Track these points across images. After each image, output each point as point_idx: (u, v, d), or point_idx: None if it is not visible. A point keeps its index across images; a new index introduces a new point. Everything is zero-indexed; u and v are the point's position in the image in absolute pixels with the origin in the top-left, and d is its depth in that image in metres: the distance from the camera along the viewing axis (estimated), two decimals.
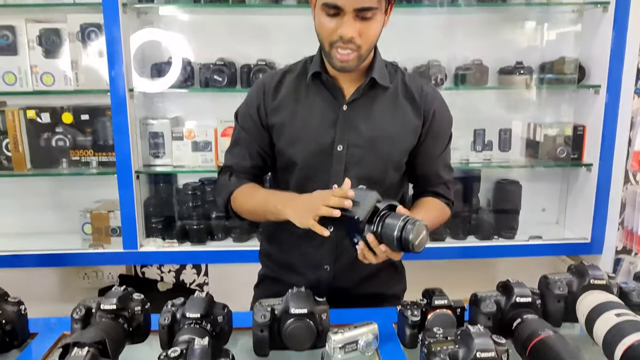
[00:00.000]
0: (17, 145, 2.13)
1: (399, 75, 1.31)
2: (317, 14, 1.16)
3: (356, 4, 1.10)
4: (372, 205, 1.07)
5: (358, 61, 1.18)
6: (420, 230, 1.01)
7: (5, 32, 2.05)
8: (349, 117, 1.25)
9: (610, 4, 2.06)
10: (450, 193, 1.39)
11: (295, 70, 1.32)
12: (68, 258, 2.16)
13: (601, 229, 2.23)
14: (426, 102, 1.29)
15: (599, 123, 2.15)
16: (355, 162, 1.25)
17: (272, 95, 1.29)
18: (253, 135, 1.32)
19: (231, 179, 1.33)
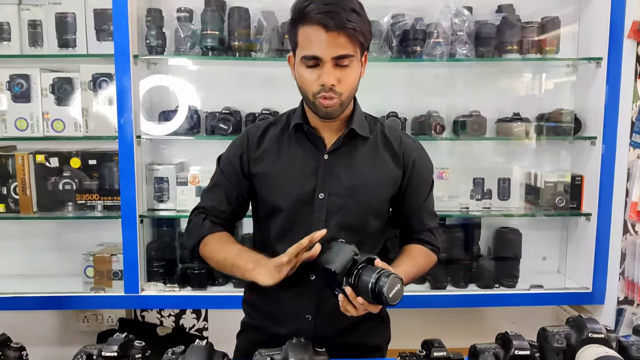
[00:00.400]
0: (24, 189, 2.17)
1: (379, 127, 1.37)
2: (298, 68, 1.23)
3: (334, 52, 1.17)
4: (349, 258, 1.11)
5: (340, 107, 1.23)
6: (394, 283, 1.05)
7: (20, 81, 2.13)
8: (330, 166, 1.30)
9: (603, 60, 2.13)
10: (435, 239, 1.43)
11: (279, 122, 1.38)
12: (69, 301, 2.16)
13: (602, 279, 2.23)
14: (405, 152, 1.35)
15: (597, 173, 2.19)
16: (337, 210, 1.29)
17: (256, 146, 1.35)
18: (232, 182, 1.36)
19: (205, 223, 1.36)
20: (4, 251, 2.37)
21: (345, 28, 1.15)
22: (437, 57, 2.15)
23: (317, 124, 1.31)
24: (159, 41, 2.13)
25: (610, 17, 2.09)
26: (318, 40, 1.16)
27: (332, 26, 1.14)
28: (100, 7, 2.10)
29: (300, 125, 1.31)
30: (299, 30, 1.20)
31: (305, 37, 1.18)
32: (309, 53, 1.18)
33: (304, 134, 1.33)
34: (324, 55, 1.17)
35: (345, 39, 1.16)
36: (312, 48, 1.17)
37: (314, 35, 1.16)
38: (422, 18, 2.18)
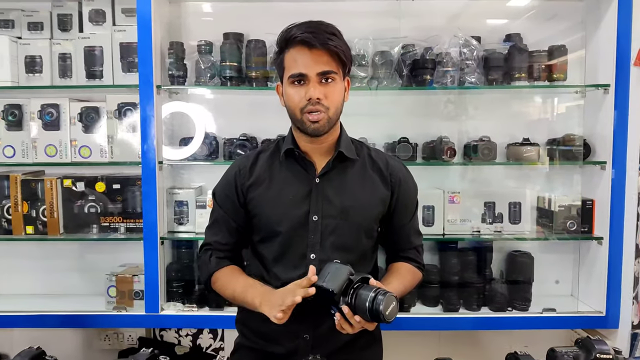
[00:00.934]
0: (52, 212, 2.28)
1: (365, 150, 1.45)
2: (285, 89, 1.33)
3: (318, 68, 1.27)
4: (346, 278, 1.18)
5: (328, 124, 1.31)
6: (390, 301, 1.11)
7: (50, 110, 2.26)
8: (321, 189, 1.37)
9: (610, 87, 2.17)
10: (420, 257, 1.50)
11: (268, 150, 1.46)
12: (92, 319, 2.24)
13: (616, 303, 2.22)
14: (392, 173, 1.42)
15: (607, 198, 2.21)
16: (330, 231, 1.35)
17: (248, 175, 1.42)
18: (230, 214, 1.43)
19: (211, 259, 1.43)
20: (31, 271, 2.48)
21: (327, 46, 1.26)
22: (446, 85, 2.22)
23: (307, 148, 1.39)
24: (181, 72, 2.24)
25: (617, 45, 2.13)
26: (303, 58, 1.28)
27: (315, 44, 1.25)
28: (126, 41, 2.23)
29: (291, 150, 1.39)
30: (285, 55, 1.32)
31: (291, 58, 1.31)
32: (295, 71, 1.29)
33: (294, 159, 1.40)
34: (308, 72, 1.28)
35: (327, 57, 1.28)
36: (297, 67, 1.28)
37: (299, 55, 1.29)
38: (431, 48, 2.26)
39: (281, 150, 1.41)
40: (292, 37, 1.29)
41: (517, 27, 2.38)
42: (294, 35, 1.29)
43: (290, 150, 1.39)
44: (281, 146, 1.42)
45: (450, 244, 2.36)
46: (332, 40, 1.27)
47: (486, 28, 2.37)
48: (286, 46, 1.32)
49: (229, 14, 2.40)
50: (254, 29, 2.31)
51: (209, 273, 1.42)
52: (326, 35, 1.27)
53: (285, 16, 2.28)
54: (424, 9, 2.35)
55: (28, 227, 2.28)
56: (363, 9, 2.35)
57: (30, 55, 2.25)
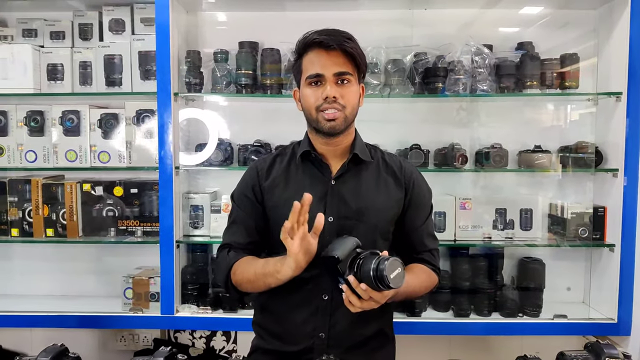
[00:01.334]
0: (72, 215, 2.34)
1: (379, 153, 1.49)
2: (303, 91, 1.37)
3: (334, 69, 1.32)
4: (352, 248, 1.19)
5: (344, 122, 1.35)
6: (395, 266, 1.11)
7: (71, 116, 2.33)
8: (337, 190, 1.40)
9: (622, 94, 2.18)
10: (435, 260, 1.50)
11: (284, 153, 1.50)
12: (108, 320, 2.30)
13: (628, 310, 2.23)
14: (405, 175, 1.46)
15: (619, 205, 2.22)
16: (346, 232, 1.35)
17: (265, 176, 1.46)
18: (249, 213, 1.46)
19: (229, 254, 1.44)
20: (50, 272, 2.54)
21: (343, 47, 1.31)
22: (458, 92, 2.25)
23: (322, 150, 1.42)
24: (197, 80, 2.30)
25: (629, 53, 2.15)
26: (320, 60, 1.33)
27: (332, 45, 1.31)
28: (145, 50, 2.29)
29: (307, 153, 1.42)
30: (303, 59, 1.37)
31: (309, 61, 1.35)
32: (313, 72, 1.34)
33: (310, 162, 1.44)
34: (325, 72, 1.33)
35: (344, 59, 1.33)
36: (314, 67, 1.34)
37: (316, 57, 1.34)
38: (443, 56, 2.29)
39: (297, 153, 1.45)
40: (310, 41, 1.34)
41: (529, 35, 2.40)
42: (311, 39, 1.34)
43: (307, 152, 1.42)
44: (297, 149, 1.46)
45: (461, 250, 2.38)
46: (348, 43, 1.32)
47: (498, 36, 2.40)
48: (304, 50, 1.37)
49: (245, 23, 2.45)
50: (269, 37, 2.37)
51: (229, 265, 1.42)
52: (343, 38, 1.32)
53: (299, 25, 2.33)
54: (436, 18, 2.39)
55: (48, 229, 2.35)
56: (376, 17, 2.39)
57: (52, 63, 2.33)
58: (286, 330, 1.43)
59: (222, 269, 1.45)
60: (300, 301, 1.27)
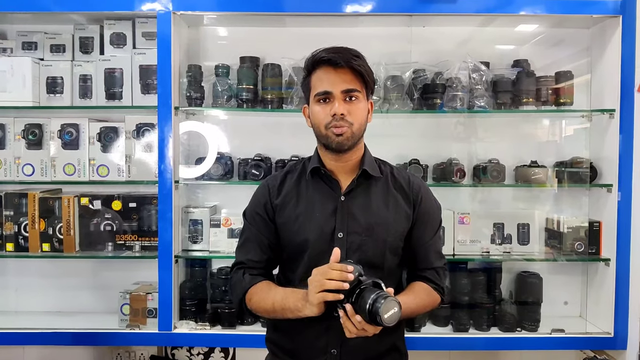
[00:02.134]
0: (69, 229, 2.31)
1: (388, 169, 1.50)
2: (312, 107, 1.40)
3: (342, 86, 1.34)
4: (355, 277, 1.19)
5: (352, 138, 1.37)
6: (391, 306, 1.11)
7: (70, 129, 2.31)
8: (347, 206, 1.41)
9: (615, 111, 2.23)
10: (440, 279, 1.48)
11: (295, 170, 1.51)
12: (105, 337, 2.26)
13: (624, 324, 2.24)
14: (414, 190, 1.47)
15: (614, 220, 2.25)
16: (356, 248, 1.38)
17: (277, 193, 1.47)
18: (262, 230, 1.47)
19: (245, 277, 1.44)
20: (45, 288, 2.50)
21: (351, 65, 1.34)
22: (456, 108, 2.29)
23: (332, 166, 1.44)
24: (198, 94, 2.30)
25: (621, 72, 2.20)
26: (328, 77, 1.35)
27: (340, 62, 1.33)
28: (146, 64, 2.29)
29: (317, 169, 1.44)
30: (312, 76, 1.39)
31: (317, 78, 1.37)
32: (321, 89, 1.36)
33: (320, 178, 1.45)
34: (333, 89, 1.35)
35: (352, 76, 1.35)
36: (323, 85, 1.36)
37: (325, 74, 1.36)
38: (441, 73, 2.33)
39: (307, 169, 1.46)
40: (318, 59, 1.36)
41: (524, 52, 2.46)
42: (320, 56, 1.36)
43: (316, 169, 1.44)
44: (307, 166, 1.48)
45: (460, 265, 2.39)
46: (355, 61, 1.35)
47: (495, 53, 2.45)
48: (313, 68, 1.39)
49: (246, 38, 2.48)
50: (270, 53, 2.39)
51: (244, 290, 1.43)
52: (351, 56, 1.35)
53: (300, 41, 2.41)
54: (435, 35, 2.43)
55: (44, 244, 2.31)
56: (376, 34, 2.43)
57: (52, 76, 2.31)
58: (299, 346, 1.43)
59: (237, 292, 1.45)
60: (311, 318, 1.27)
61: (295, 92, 2.29)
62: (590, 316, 2.44)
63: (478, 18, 2.32)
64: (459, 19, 2.30)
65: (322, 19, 2.32)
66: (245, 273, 1.45)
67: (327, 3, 2.21)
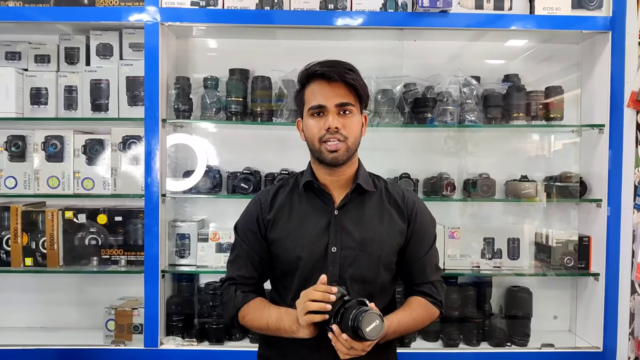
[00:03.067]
0: (52, 243, 2.26)
1: (382, 184, 1.49)
2: (305, 121, 1.39)
3: (336, 100, 1.33)
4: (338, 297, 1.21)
5: (346, 153, 1.36)
6: (372, 319, 1.13)
7: (54, 141, 2.26)
8: (340, 221, 1.40)
9: (605, 127, 2.24)
10: (437, 293, 1.47)
11: (287, 184, 1.50)
12: (88, 354, 2.20)
13: (612, 339, 2.24)
14: (408, 205, 1.46)
15: (603, 235, 2.25)
16: (349, 263, 1.37)
17: (268, 208, 1.45)
18: (254, 247, 1.45)
19: (237, 294, 1.43)
20: (28, 304, 2.44)
21: (345, 78, 1.33)
22: (447, 122, 2.28)
23: (326, 180, 1.42)
24: (186, 106, 2.26)
25: (611, 87, 2.21)
26: (322, 91, 1.34)
27: (334, 77, 1.32)
28: (133, 75, 2.25)
29: (310, 183, 1.42)
30: (306, 89, 1.38)
31: (311, 92, 1.36)
32: (315, 103, 1.35)
33: (313, 192, 1.44)
34: (327, 103, 1.34)
35: (345, 90, 1.34)
36: (317, 99, 1.35)
37: (318, 88, 1.35)
38: (432, 87, 2.32)
39: (300, 183, 1.44)
40: (312, 73, 1.35)
41: (515, 67, 2.46)
42: (314, 70, 1.35)
43: (309, 182, 1.42)
44: (300, 180, 1.46)
45: (450, 279, 2.38)
46: (349, 75, 1.34)
47: (485, 68, 2.45)
48: (307, 81, 1.38)
49: (235, 50, 2.45)
50: (260, 65, 2.37)
51: (237, 308, 1.41)
52: (344, 69, 1.34)
53: (290, 54, 2.40)
54: (425, 49, 2.43)
55: (27, 258, 2.26)
56: (367, 48, 2.42)
57: (36, 87, 2.27)
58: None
59: (229, 309, 1.43)
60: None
61: (285, 105, 2.26)
62: (579, 331, 2.44)
63: (469, 32, 2.31)
64: (450, 33, 2.29)
65: (312, 32, 2.30)
66: (237, 290, 1.44)
67: (317, 16, 2.20)
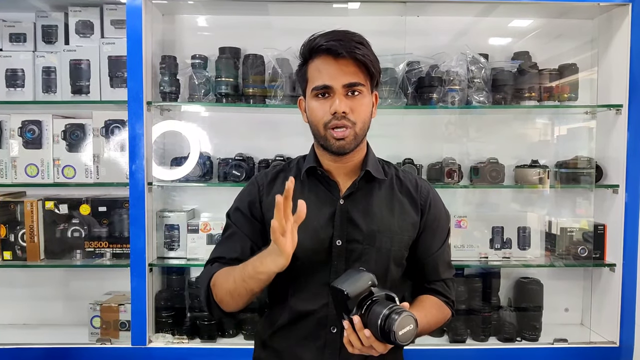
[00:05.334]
0: (32, 236, 2.14)
1: (393, 170, 1.35)
2: (309, 102, 1.23)
3: (344, 80, 1.17)
4: (366, 286, 1.05)
5: (354, 140, 1.20)
6: (407, 322, 0.98)
7: (32, 127, 2.14)
8: (346, 211, 1.25)
9: (623, 107, 2.11)
10: (450, 292, 1.36)
11: (288, 169, 1.35)
12: (72, 353, 2.09)
13: (630, 333, 2.14)
14: (422, 194, 1.32)
15: (620, 223, 2.14)
16: (356, 257, 1.24)
17: (266, 192, 1.31)
18: (246, 231, 1.30)
19: (214, 266, 1.28)
20: (9, 300, 2.35)
21: (354, 54, 1.16)
22: (454, 104, 2.14)
23: (330, 166, 1.28)
24: (173, 88, 2.13)
25: (630, 64, 2.08)
26: (328, 69, 1.17)
27: (342, 52, 1.15)
28: (115, 54, 2.12)
29: (313, 169, 1.28)
30: (309, 65, 1.22)
31: (315, 69, 1.20)
32: (320, 83, 1.19)
33: (316, 178, 1.29)
34: (334, 84, 1.18)
35: (354, 67, 1.17)
36: (322, 78, 1.18)
37: (323, 65, 1.18)
38: (437, 65, 2.18)
39: (302, 169, 1.30)
40: (316, 46, 1.19)
41: (524, 45, 2.32)
42: (318, 44, 1.18)
43: (312, 168, 1.28)
44: (302, 165, 1.32)
45: (456, 271, 2.23)
46: (359, 49, 1.17)
47: (494, 46, 2.32)
48: (310, 56, 1.21)
49: (226, 28, 2.31)
50: (252, 43, 2.22)
51: (209, 276, 1.25)
52: (353, 43, 1.17)
53: (285, 32, 2.25)
54: (429, 26, 2.29)
55: (5, 252, 2.15)
56: (367, 24, 2.24)
57: (12, 68, 2.14)
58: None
59: (203, 282, 1.27)
60: (306, 335, 1.14)
61: (279, 86, 2.12)
62: (593, 324, 2.33)
63: (477, 7, 2.17)
64: (456, 7, 2.15)
65: (308, 7, 2.16)
66: (215, 264, 1.28)
67: None
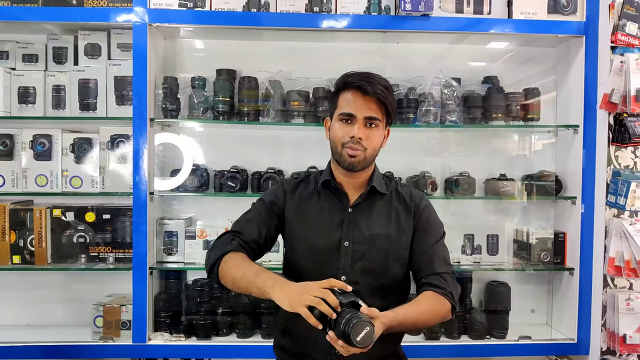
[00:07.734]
0: (40, 241, 2.27)
1: (393, 184, 1.60)
2: (333, 124, 1.49)
3: (366, 113, 1.44)
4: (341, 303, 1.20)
5: (364, 162, 1.46)
6: (362, 327, 1.13)
7: (42, 140, 2.28)
8: (353, 218, 1.51)
9: (579, 127, 2.33)
10: (446, 284, 1.45)
11: (307, 181, 1.61)
12: (77, 350, 2.23)
13: (586, 330, 2.34)
14: (415, 202, 1.57)
15: (577, 231, 2.34)
16: (360, 256, 1.47)
17: (290, 195, 1.57)
18: (265, 218, 1.54)
19: (233, 242, 1.48)
20: (16, 301, 2.46)
21: (378, 95, 1.43)
22: (429, 122, 2.34)
23: (342, 180, 1.53)
24: (174, 106, 2.30)
25: (584, 89, 2.30)
26: (355, 101, 1.45)
27: (368, 92, 1.42)
28: (121, 75, 2.28)
29: (327, 182, 1.53)
30: (340, 95, 1.49)
31: (344, 99, 1.47)
32: (346, 111, 1.45)
33: (330, 190, 1.54)
34: (357, 113, 1.44)
35: (376, 105, 1.44)
36: (349, 107, 1.45)
37: (352, 98, 1.45)
38: (414, 88, 2.39)
39: (319, 181, 1.56)
40: (350, 82, 1.46)
41: (495, 69, 2.54)
42: (352, 80, 1.45)
43: (327, 182, 1.54)
44: (319, 178, 1.58)
45: None
46: (383, 93, 1.43)
47: (466, 70, 2.52)
48: (343, 88, 1.48)
49: (222, 51, 2.49)
50: (247, 66, 2.40)
51: (226, 250, 1.45)
52: (380, 87, 1.43)
53: (277, 55, 2.44)
54: (408, 51, 2.50)
55: (15, 256, 2.27)
56: (351, 49, 2.48)
57: (24, 86, 2.28)
58: (304, 349, 1.48)
59: (218, 249, 1.47)
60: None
61: (271, 105, 2.31)
62: (555, 323, 2.53)
63: (450, 36, 2.38)
64: (432, 36, 2.36)
65: (298, 34, 2.34)
66: (235, 239, 1.49)
67: (303, 18, 2.25)
